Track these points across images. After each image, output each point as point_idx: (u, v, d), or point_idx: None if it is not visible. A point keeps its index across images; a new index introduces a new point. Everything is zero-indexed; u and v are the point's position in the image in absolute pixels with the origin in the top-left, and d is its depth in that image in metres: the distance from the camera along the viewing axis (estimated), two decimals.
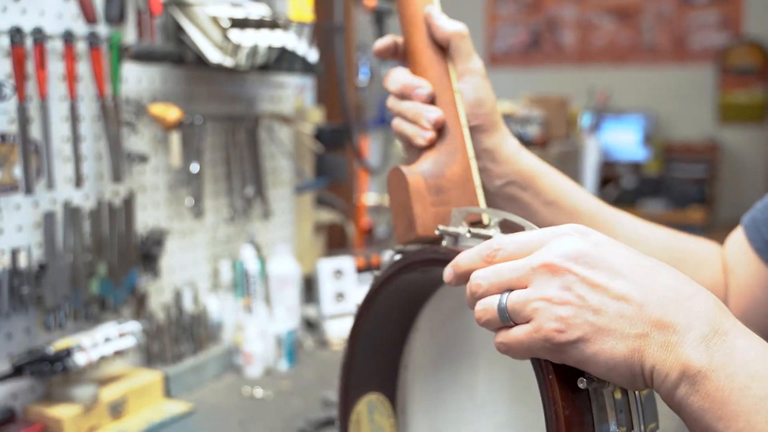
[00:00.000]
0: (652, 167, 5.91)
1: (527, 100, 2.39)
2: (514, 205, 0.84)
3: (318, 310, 1.65)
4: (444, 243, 0.69)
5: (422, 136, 0.77)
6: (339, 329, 1.62)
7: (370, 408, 0.80)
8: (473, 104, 0.80)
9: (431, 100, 0.79)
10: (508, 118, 2.15)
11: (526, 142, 2.11)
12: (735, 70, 5.84)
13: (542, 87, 6.40)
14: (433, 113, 0.77)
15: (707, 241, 0.91)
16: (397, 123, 0.81)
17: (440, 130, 0.78)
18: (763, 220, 0.83)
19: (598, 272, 0.53)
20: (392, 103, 0.81)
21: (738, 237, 0.86)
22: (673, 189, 5.73)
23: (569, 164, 2.51)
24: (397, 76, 0.80)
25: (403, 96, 0.80)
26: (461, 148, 0.78)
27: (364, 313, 0.75)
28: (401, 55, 0.83)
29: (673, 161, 5.88)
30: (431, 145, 0.78)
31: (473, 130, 0.80)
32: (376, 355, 0.79)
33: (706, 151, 5.72)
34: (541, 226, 0.63)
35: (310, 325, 1.67)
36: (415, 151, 0.80)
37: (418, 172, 0.75)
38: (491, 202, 0.83)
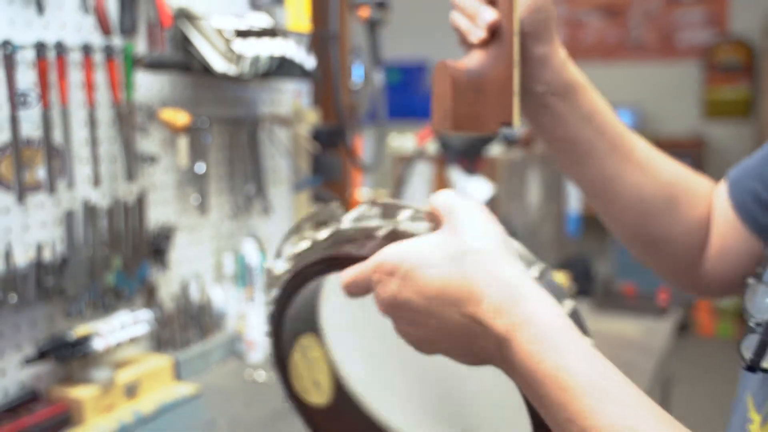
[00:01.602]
0: None
1: None
2: (549, 113, 0.86)
3: None
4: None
5: (475, 34, 0.80)
6: None
7: (303, 350, 0.87)
8: (532, 10, 0.82)
9: (491, 1, 0.81)
10: None
11: (511, 142, 2.22)
12: (721, 67, 5.96)
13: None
14: (489, 15, 0.80)
15: (706, 180, 0.94)
16: (456, 17, 0.84)
17: (493, 32, 0.80)
18: (745, 177, 0.85)
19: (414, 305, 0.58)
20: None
21: (722, 189, 0.88)
22: None
23: (553, 162, 2.62)
24: None
25: None
26: (508, 54, 0.80)
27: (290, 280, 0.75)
28: None
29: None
30: (482, 45, 0.81)
31: (528, 36, 0.82)
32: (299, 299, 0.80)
33: (692, 145, 5.84)
34: (570, 137, 0.82)
35: None
36: (466, 46, 0.83)
37: (462, 68, 0.79)
38: (529, 107, 0.87)
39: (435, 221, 0.63)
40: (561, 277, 1.96)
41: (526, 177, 2.36)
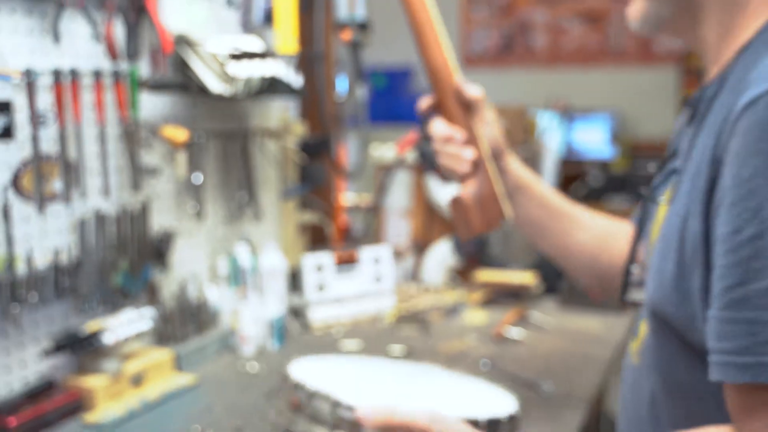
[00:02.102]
0: (619, 165, 6.19)
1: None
2: (515, 205, 1.21)
3: (302, 299, 1.91)
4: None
5: (463, 169, 1.13)
6: (320, 315, 1.88)
7: None
8: (491, 142, 1.16)
9: (466, 143, 1.14)
10: None
11: None
12: (697, 72, 6.15)
13: (514, 88, 6.68)
14: (469, 154, 1.13)
15: (625, 223, 1.23)
16: (444, 160, 1.16)
17: (475, 164, 1.14)
18: None
19: None
20: (439, 146, 1.16)
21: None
22: (638, 185, 6.01)
23: (529, 163, 2.78)
24: (439, 127, 1.16)
25: (446, 141, 1.14)
26: (486, 174, 1.15)
27: None
28: (437, 109, 1.19)
29: (639, 159, 6.17)
30: (470, 175, 1.14)
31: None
32: None
33: None
34: (529, 220, 1.20)
35: (296, 312, 1.93)
36: (456, 177, 1.17)
37: (468, 194, 1.15)
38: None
39: None
40: (531, 277, 2.12)
41: None
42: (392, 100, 6.48)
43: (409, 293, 2.12)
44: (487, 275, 2.16)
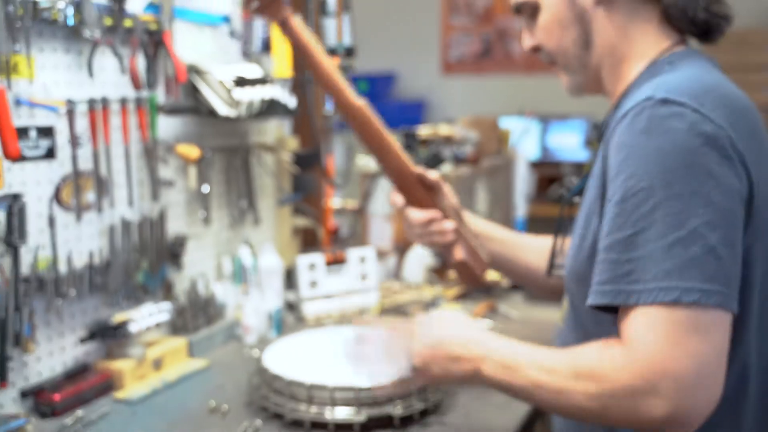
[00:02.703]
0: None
1: (464, 123, 2.90)
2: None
3: (297, 295, 2.15)
4: None
5: (450, 239, 1.49)
6: (313, 309, 2.13)
7: None
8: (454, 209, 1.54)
9: (442, 219, 1.49)
10: (447, 141, 2.67)
11: (462, 160, 2.62)
12: None
13: (494, 93, 6.94)
14: (450, 225, 1.49)
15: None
16: (432, 239, 1.51)
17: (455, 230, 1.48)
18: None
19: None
20: (422, 230, 1.51)
21: None
22: None
23: (500, 174, 3.03)
24: (416, 216, 1.50)
25: (427, 224, 1.49)
26: (465, 238, 1.50)
27: None
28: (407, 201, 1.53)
29: None
30: (454, 242, 1.48)
31: None
32: None
33: None
34: (494, 257, 1.57)
35: (291, 306, 2.17)
36: (446, 248, 1.51)
37: (462, 255, 1.50)
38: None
39: None
40: (499, 275, 2.36)
41: (475, 189, 2.77)
42: (374, 106, 6.68)
43: (391, 289, 2.36)
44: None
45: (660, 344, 0.94)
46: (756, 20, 6.02)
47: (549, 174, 6.40)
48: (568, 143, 6.53)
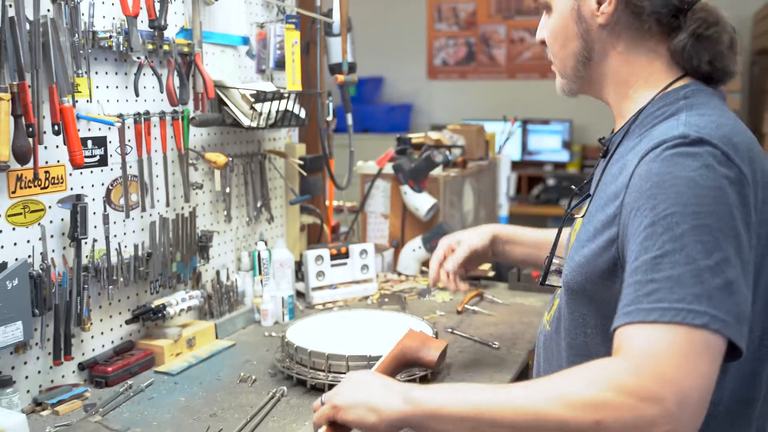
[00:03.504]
0: (572, 166, 6.77)
1: (452, 130, 3.17)
2: (511, 253, 1.78)
3: (305, 284, 2.41)
4: None
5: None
6: (319, 297, 2.38)
7: None
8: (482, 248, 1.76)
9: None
10: (437, 146, 2.94)
11: (451, 164, 2.89)
12: None
13: (477, 97, 7.22)
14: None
15: None
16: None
17: None
18: None
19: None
20: None
21: None
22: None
23: (485, 175, 3.29)
24: None
25: None
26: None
27: None
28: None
29: (588, 160, 6.74)
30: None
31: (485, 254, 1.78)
32: None
33: None
34: (524, 259, 1.78)
35: (300, 294, 2.43)
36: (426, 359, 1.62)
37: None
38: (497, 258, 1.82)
39: None
40: (487, 267, 2.64)
41: (463, 190, 3.04)
42: (363, 109, 6.91)
43: (388, 280, 2.63)
44: None
45: (677, 362, 0.93)
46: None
47: (532, 173, 6.72)
48: (549, 145, 6.82)
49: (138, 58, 1.78)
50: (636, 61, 1.24)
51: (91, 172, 1.74)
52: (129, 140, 1.82)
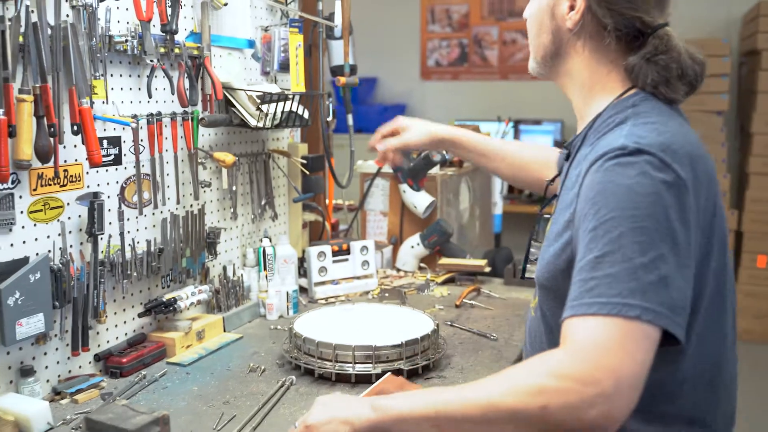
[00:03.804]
0: None
1: None
2: (458, 152, 2.08)
3: (308, 280, 2.48)
4: None
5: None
6: (322, 292, 2.46)
7: None
8: (427, 143, 2.04)
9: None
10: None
11: (448, 164, 2.97)
12: None
13: (470, 97, 7.31)
14: None
15: (552, 149, 1.94)
16: None
17: None
18: None
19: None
20: None
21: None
22: None
23: (480, 174, 3.38)
24: None
25: None
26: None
27: None
28: None
29: None
30: None
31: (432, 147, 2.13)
32: None
33: None
34: (469, 159, 2.06)
35: (303, 289, 2.50)
36: None
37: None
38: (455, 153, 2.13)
39: None
40: (484, 263, 2.72)
41: (459, 189, 3.12)
42: (357, 110, 6.97)
43: (388, 275, 2.71)
44: (447, 261, 2.76)
45: (613, 349, 1.03)
46: (712, 30, 6.44)
47: None
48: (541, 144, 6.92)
49: (151, 61, 1.85)
50: (597, 68, 1.36)
51: (107, 170, 1.81)
52: (142, 140, 1.89)
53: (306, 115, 2.35)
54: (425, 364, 1.79)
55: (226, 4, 2.09)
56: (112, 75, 1.81)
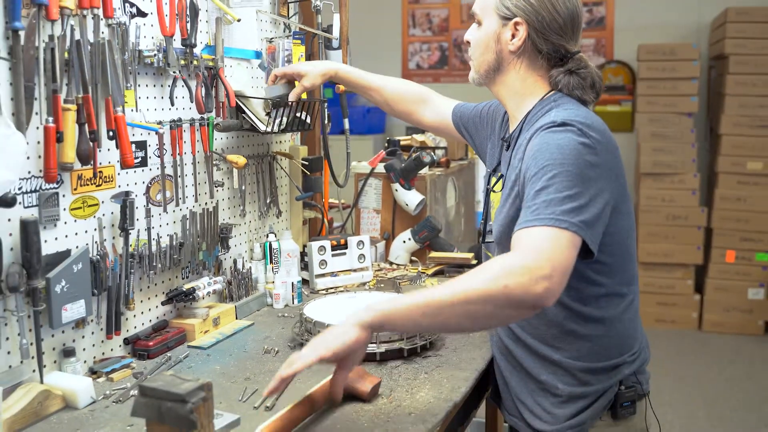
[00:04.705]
0: None
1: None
2: (341, 83, 2.43)
3: (310, 272, 2.68)
4: None
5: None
6: (323, 283, 2.66)
7: None
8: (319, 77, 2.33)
9: None
10: (423, 147, 3.23)
11: (436, 164, 3.19)
12: (608, 87, 7.06)
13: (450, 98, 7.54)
14: None
15: (443, 100, 2.39)
16: None
17: None
18: (461, 109, 2.28)
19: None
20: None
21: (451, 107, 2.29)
22: None
23: (465, 174, 3.60)
24: None
25: None
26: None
27: None
28: None
29: None
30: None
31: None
32: None
33: None
34: (353, 90, 2.45)
35: (304, 281, 2.70)
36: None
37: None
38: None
39: None
40: (470, 256, 2.93)
41: (446, 187, 3.33)
42: (340, 112, 7.17)
43: (382, 268, 2.91)
44: (437, 255, 2.97)
45: (551, 247, 1.43)
46: (683, 36, 6.70)
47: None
48: None
49: (174, 72, 2.05)
50: (528, 79, 1.79)
51: (135, 171, 2.01)
52: (165, 144, 2.08)
53: (309, 120, 2.56)
54: (423, 344, 2.00)
55: (239, 20, 2.29)
56: (140, 85, 2.00)
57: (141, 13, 1.94)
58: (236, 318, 2.33)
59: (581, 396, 1.72)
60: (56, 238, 1.78)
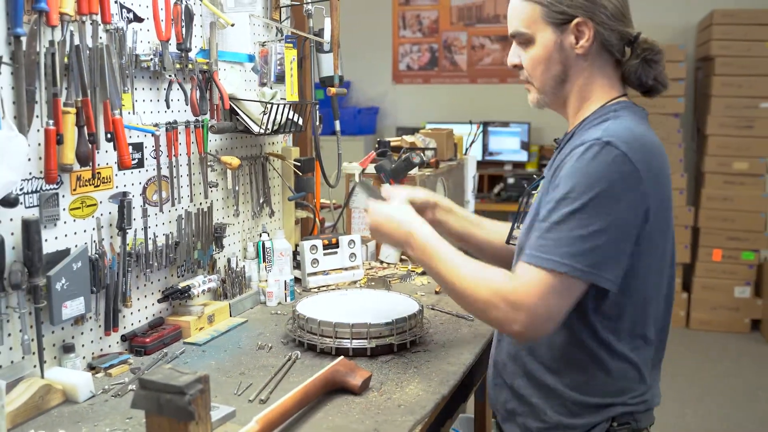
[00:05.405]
0: (531, 165, 7.19)
1: (424, 134, 3.54)
2: (448, 224, 2.07)
3: (302, 270, 2.74)
4: None
5: None
6: (314, 281, 2.72)
7: None
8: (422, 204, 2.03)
9: None
10: (413, 148, 3.29)
11: (425, 164, 3.25)
12: None
13: (440, 100, 7.61)
14: None
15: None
16: None
17: None
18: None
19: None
20: None
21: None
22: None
23: (455, 173, 3.66)
24: None
25: None
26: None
27: None
28: None
29: (545, 159, 7.17)
30: None
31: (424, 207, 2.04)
32: None
33: None
34: (457, 231, 2.08)
35: (297, 280, 2.76)
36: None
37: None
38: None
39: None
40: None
41: (436, 188, 3.40)
42: (331, 113, 7.23)
43: (373, 267, 2.98)
44: None
45: (540, 295, 1.45)
46: (670, 37, 6.79)
47: (493, 172, 7.11)
48: (508, 145, 7.24)
49: (169, 75, 2.10)
50: (596, 81, 1.64)
51: (132, 172, 2.06)
52: (161, 146, 2.14)
53: (301, 121, 2.61)
54: (413, 340, 2.06)
55: (233, 25, 2.35)
56: (137, 89, 2.06)
57: (138, 19, 1.99)
58: (230, 315, 2.38)
59: (568, 427, 1.63)
60: (56, 238, 1.83)
